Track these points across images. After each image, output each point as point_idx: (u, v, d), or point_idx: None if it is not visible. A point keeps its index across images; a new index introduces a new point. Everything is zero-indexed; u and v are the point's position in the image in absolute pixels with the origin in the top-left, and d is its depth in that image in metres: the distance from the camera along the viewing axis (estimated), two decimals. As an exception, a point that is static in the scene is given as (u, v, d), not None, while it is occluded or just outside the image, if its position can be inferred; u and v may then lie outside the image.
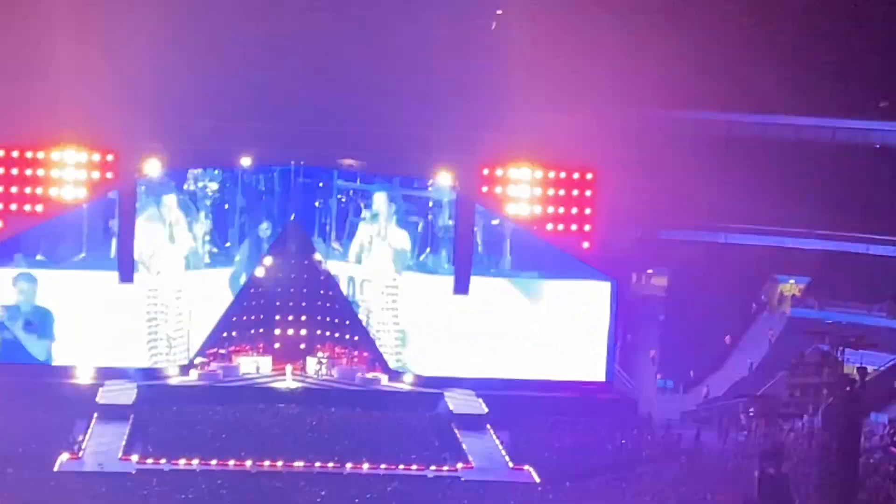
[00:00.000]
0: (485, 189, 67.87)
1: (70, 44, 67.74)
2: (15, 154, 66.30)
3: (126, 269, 66.15)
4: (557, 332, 68.12)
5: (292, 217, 70.29)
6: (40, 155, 66.30)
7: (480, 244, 69.20)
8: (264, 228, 70.10)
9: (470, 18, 72.24)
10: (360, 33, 70.61)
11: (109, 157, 66.47)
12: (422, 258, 69.75)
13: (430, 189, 69.72)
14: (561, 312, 68.24)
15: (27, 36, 68.82)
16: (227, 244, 70.02)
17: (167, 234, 67.92)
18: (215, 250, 69.52)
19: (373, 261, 69.55)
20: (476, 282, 67.84)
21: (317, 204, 70.72)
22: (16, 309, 66.37)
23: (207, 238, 69.19)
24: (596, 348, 68.21)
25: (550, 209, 68.04)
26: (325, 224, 70.54)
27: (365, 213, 69.84)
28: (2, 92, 66.93)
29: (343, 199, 70.87)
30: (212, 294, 68.80)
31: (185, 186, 68.87)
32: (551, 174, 67.96)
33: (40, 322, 66.44)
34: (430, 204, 69.88)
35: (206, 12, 69.82)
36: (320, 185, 70.67)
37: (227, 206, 69.65)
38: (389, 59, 69.52)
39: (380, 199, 69.52)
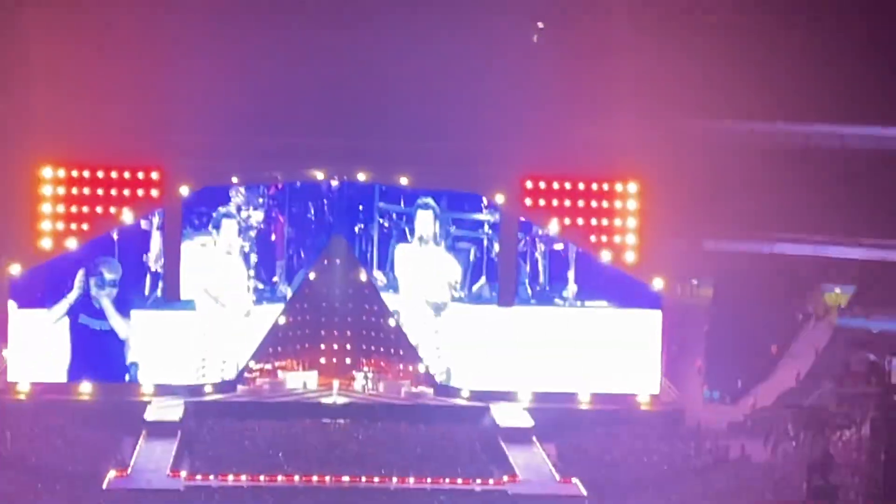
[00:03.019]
0: (528, 202, 67.81)
1: (115, 63, 68.32)
2: (61, 173, 66.94)
3: (172, 288, 66.45)
4: (606, 345, 67.91)
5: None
6: (86, 174, 66.87)
7: (542, 272, 67.90)
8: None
9: (511, 32, 72.25)
10: (400, 50, 70.66)
11: (154, 175, 66.93)
12: (475, 288, 68.25)
13: (483, 210, 67.97)
14: (610, 328, 67.90)
15: (70, 56, 69.30)
16: (275, 279, 69.10)
17: (220, 261, 67.80)
18: (261, 286, 68.54)
19: (419, 293, 68.40)
20: (535, 312, 66.96)
21: (356, 229, 69.27)
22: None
23: (252, 273, 68.23)
24: (646, 361, 67.94)
25: (594, 221, 67.95)
26: (366, 252, 69.14)
27: (410, 239, 68.41)
28: (47, 112, 67.53)
29: (385, 224, 68.92)
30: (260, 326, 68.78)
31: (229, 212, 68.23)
32: (595, 185, 67.90)
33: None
34: (485, 227, 68.14)
35: (254, 29, 70.14)
36: (360, 207, 68.96)
37: (273, 238, 68.86)
38: (430, 73, 69.52)
39: (425, 223, 67.85)
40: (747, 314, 72.19)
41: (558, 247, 68.19)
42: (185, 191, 66.27)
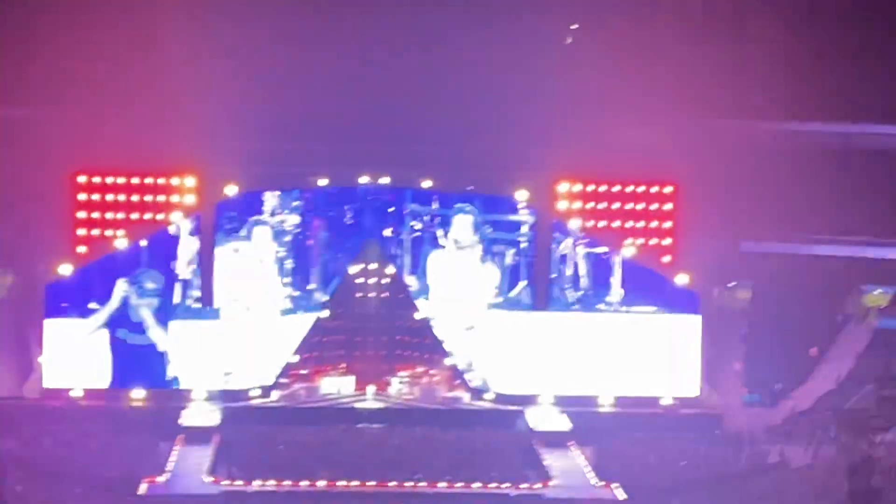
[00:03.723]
0: (562, 205, 67.48)
1: (148, 69, 68.42)
2: (96, 180, 67.07)
3: (207, 294, 66.43)
4: (644, 348, 67.46)
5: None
6: (121, 180, 67.00)
7: (585, 276, 67.47)
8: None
9: (544, 33, 71.90)
10: (430, 50, 70.34)
11: (190, 181, 66.97)
12: (513, 294, 67.85)
13: (520, 212, 67.55)
14: (649, 332, 67.46)
15: (104, 62, 69.43)
16: (311, 286, 68.54)
17: (255, 268, 67.55)
18: (297, 293, 68.12)
19: (454, 300, 67.89)
20: (576, 317, 66.55)
21: (386, 233, 68.88)
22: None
23: (289, 280, 67.80)
24: (684, 364, 67.43)
25: (630, 223, 67.58)
26: (397, 256, 68.69)
27: (443, 243, 68.06)
28: (82, 118, 67.72)
29: (417, 227, 68.34)
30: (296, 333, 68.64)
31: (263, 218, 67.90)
32: (630, 188, 67.53)
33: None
34: (523, 229, 67.58)
35: (291, 32, 70.05)
36: (390, 210, 68.18)
37: (310, 242, 68.35)
38: (461, 74, 69.16)
39: (460, 226, 67.24)
40: (786, 316, 71.54)
41: (602, 249, 67.70)
42: (231, 191, 65.92)
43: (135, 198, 67.08)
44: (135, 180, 67.04)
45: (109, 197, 67.12)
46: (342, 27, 70.72)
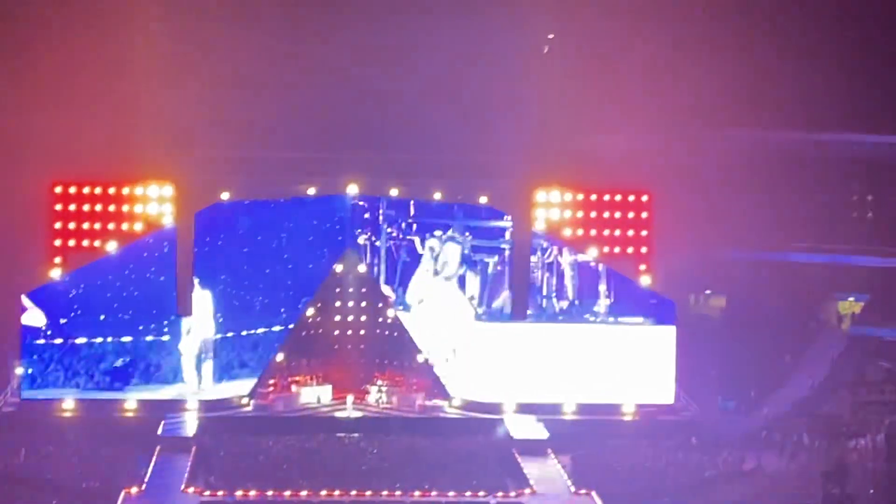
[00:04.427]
0: (539, 213, 67.77)
1: (126, 79, 68.36)
2: (73, 190, 67.00)
3: (184, 303, 66.50)
4: (620, 356, 67.78)
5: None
6: (97, 191, 66.92)
7: (570, 286, 67.45)
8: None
9: (521, 42, 72.17)
10: (404, 58, 70.48)
11: (167, 191, 66.96)
12: (495, 304, 67.70)
13: (503, 218, 67.15)
14: (625, 339, 67.78)
15: (82, 73, 69.37)
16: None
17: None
18: (271, 302, 68.29)
19: (433, 311, 67.94)
20: (563, 329, 66.42)
21: (361, 241, 68.61)
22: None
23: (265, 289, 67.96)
24: (660, 371, 67.78)
25: (606, 232, 67.89)
26: (374, 265, 68.44)
27: (421, 252, 67.84)
28: (59, 128, 67.65)
29: (395, 234, 68.27)
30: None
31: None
32: (606, 197, 67.86)
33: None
34: (507, 235, 67.36)
35: (267, 42, 70.09)
36: (365, 216, 68.07)
37: (274, 246, 68.68)
38: (437, 83, 69.34)
39: (447, 254, 67.07)
40: (761, 324, 72.06)
41: (587, 258, 67.77)
42: (209, 200, 65.91)
43: (112, 208, 66.97)
44: (111, 190, 66.92)
45: (86, 207, 67.01)
46: (318, 37, 70.81)
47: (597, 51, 71.67)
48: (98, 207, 66.95)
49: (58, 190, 67.09)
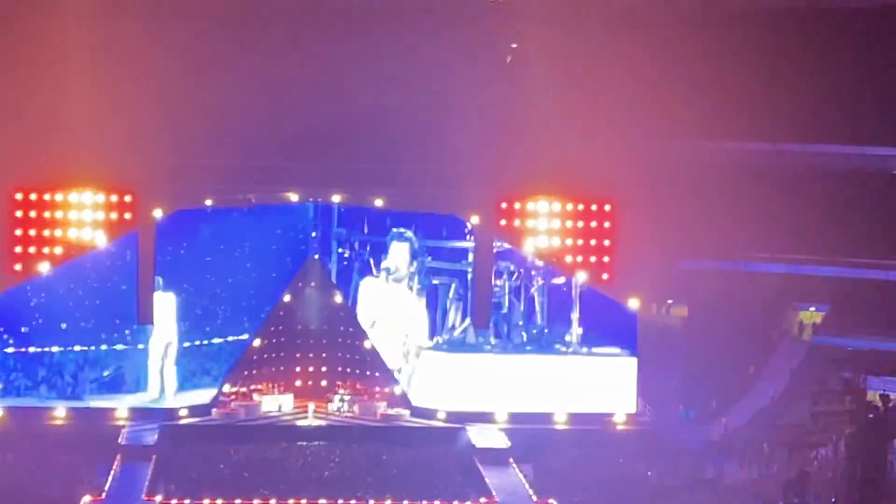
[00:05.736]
0: (503, 223, 67.78)
1: (85, 85, 68.13)
2: (33, 197, 66.64)
3: (146, 311, 66.25)
4: (582, 366, 67.78)
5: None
6: (58, 197, 66.58)
7: (540, 312, 65.94)
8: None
9: (485, 52, 72.32)
10: (375, 72, 70.60)
11: (127, 198, 66.69)
12: (457, 333, 66.69)
13: (467, 237, 65.82)
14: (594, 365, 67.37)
15: (42, 79, 69.12)
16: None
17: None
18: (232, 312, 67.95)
19: (387, 337, 67.37)
20: (531, 360, 65.14)
21: (314, 258, 67.59)
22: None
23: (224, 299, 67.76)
24: (621, 381, 67.78)
25: (570, 241, 67.90)
26: (336, 275, 67.97)
27: (375, 272, 66.97)
28: (18, 135, 67.33)
29: (346, 254, 67.33)
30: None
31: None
32: (570, 206, 67.91)
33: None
34: (469, 257, 66.06)
35: (226, 52, 70.06)
36: (313, 234, 66.71)
37: (237, 254, 68.31)
38: (404, 95, 69.41)
39: (395, 253, 65.78)
40: (722, 333, 72.30)
41: (558, 281, 66.63)
42: (158, 213, 65.96)
43: (73, 215, 66.64)
44: (72, 197, 66.59)
45: (47, 214, 66.65)
46: (285, 51, 70.84)
47: (560, 61, 71.87)
48: (59, 214, 66.63)
49: (18, 196, 66.72)
